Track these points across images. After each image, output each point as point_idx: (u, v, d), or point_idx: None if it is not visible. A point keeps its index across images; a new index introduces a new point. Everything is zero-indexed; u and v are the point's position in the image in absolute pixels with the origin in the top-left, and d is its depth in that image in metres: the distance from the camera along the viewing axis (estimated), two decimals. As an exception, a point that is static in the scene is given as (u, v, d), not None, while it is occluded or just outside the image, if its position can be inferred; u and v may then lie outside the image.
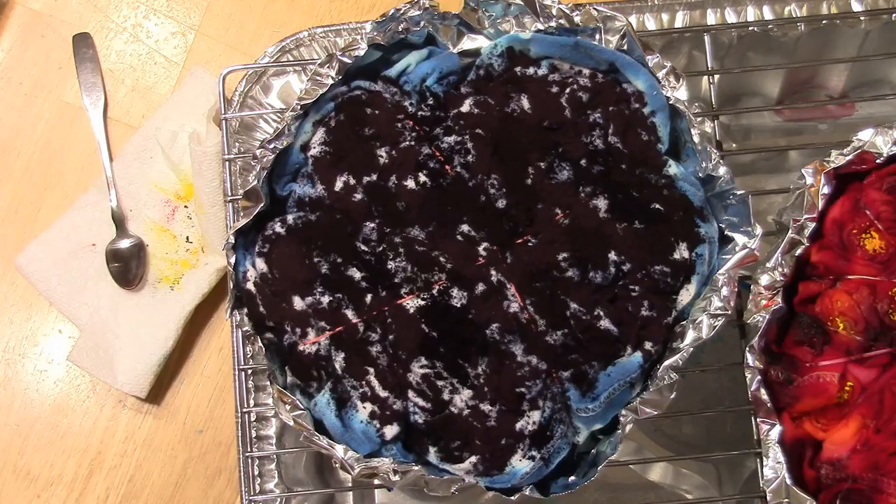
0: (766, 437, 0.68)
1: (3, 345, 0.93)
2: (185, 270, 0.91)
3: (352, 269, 0.71)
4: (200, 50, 0.99)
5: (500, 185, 0.72)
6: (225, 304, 0.71)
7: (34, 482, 0.90)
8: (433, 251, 0.71)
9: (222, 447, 0.91)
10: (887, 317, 0.69)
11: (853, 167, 0.72)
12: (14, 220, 0.95)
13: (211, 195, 0.88)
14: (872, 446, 0.68)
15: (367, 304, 0.70)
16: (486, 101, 0.74)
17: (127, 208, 0.93)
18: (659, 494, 0.89)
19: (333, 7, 0.99)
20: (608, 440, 0.68)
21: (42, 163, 0.96)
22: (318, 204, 0.73)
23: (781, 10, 0.88)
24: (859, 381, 0.69)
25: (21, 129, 0.97)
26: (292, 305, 0.70)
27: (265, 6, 1.00)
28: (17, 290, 0.94)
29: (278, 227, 0.72)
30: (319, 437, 0.66)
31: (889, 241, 0.70)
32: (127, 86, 0.98)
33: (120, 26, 0.99)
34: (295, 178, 0.74)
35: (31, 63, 0.98)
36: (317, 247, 0.71)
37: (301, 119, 0.73)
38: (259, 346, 0.69)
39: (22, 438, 0.91)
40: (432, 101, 0.75)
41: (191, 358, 0.93)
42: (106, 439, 0.91)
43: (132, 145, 0.94)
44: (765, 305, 0.69)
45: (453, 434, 0.68)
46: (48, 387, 0.93)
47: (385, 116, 0.74)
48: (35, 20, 0.99)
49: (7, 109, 0.97)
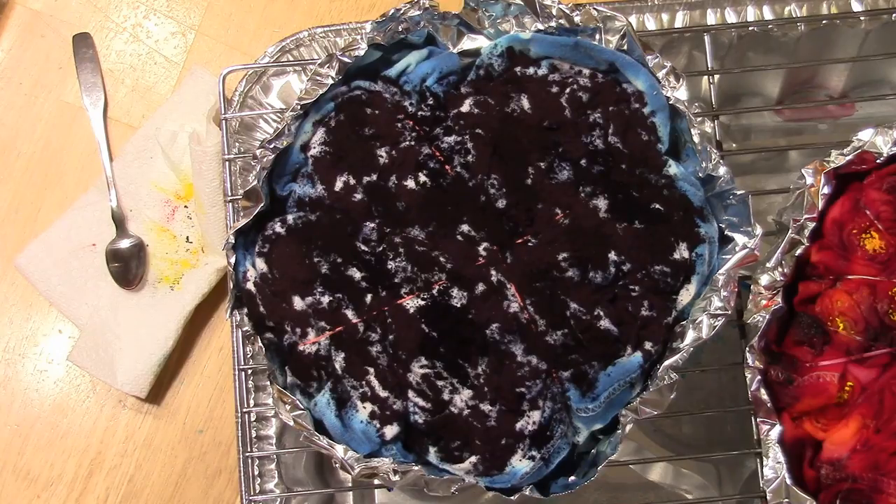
0: (766, 437, 0.68)
1: (3, 345, 0.93)
2: (185, 270, 0.91)
3: (352, 269, 0.71)
4: (200, 50, 0.99)
5: (500, 185, 0.72)
6: (225, 304, 0.71)
7: (34, 482, 0.90)
8: (433, 251, 0.71)
9: (222, 447, 0.91)
10: (887, 317, 0.69)
11: (853, 167, 0.72)
12: (14, 220, 0.95)
13: (211, 195, 0.88)
14: (872, 446, 0.68)
15: (367, 304, 0.70)
16: (486, 101, 0.74)
17: (127, 208, 0.93)
18: (659, 494, 0.89)
19: (333, 7, 0.99)
20: (608, 440, 0.68)
21: (42, 163, 0.96)
22: (318, 204, 0.73)
23: (781, 10, 0.88)
24: (859, 381, 0.69)
25: (21, 129, 0.97)
26: (292, 305, 0.70)
27: (265, 6, 1.00)
28: (17, 290, 0.94)
29: (278, 227, 0.72)
30: (319, 437, 0.66)
31: (889, 241, 0.70)
32: (127, 86, 0.98)
33: (120, 26, 0.99)
34: (295, 178, 0.74)
35: (31, 63, 0.98)
36: (317, 247, 0.71)
37: (301, 119, 0.73)
38: (259, 346, 0.69)
39: (22, 438, 0.91)
40: (432, 101, 0.75)
41: (191, 358, 0.93)
42: (106, 439, 0.91)
43: (132, 145, 0.94)
44: (765, 305, 0.69)
45: (453, 434, 0.68)
46: (48, 387, 0.93)
47: (385, 116, 0.74)
48: (35, 20, 0.99)
49: (7, 109, 0.97)
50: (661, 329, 0.68)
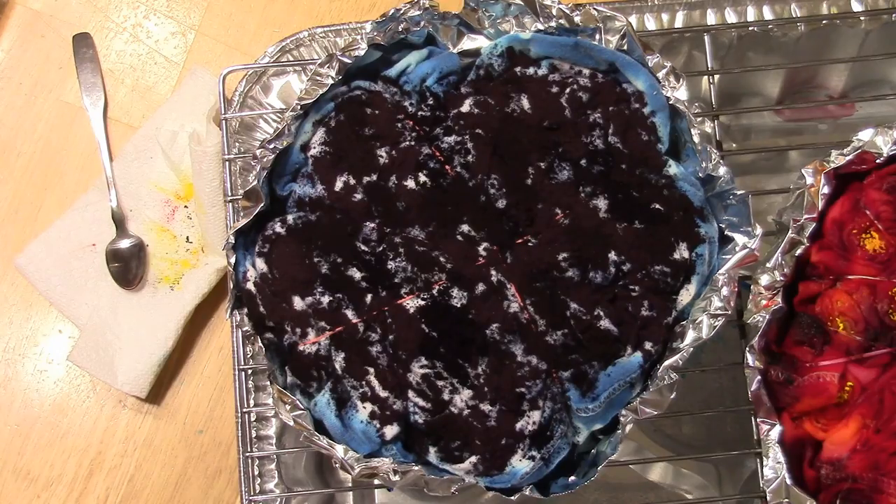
0: (766, 437, 0.68)
1: (3, 345, 0.93)
2: (185, 270, 0.91)
3: (352, 269, 0.71)
4: (200, 50, 0.99)
5: (500, 185, 0.72)
6: (225, 304, 0.71)
7: (34, 482, 0.90)
8: (433, 251, 0.71)
9: (222, 447, 0.91)
10: (887, 317, 0.69)
11: (853, 167, 0.72)
12: (14, 220, 0.95)
13: (211, 195, 0.88)
14: (872, 446, 0.68)
15: (367, 304, 0.70)
16: (486, 101, 0.74)
17: (127, 208, 0.93)
18: (659, 494, 0.89)
19: (333, 7, 0.99)
20: (608, 440, 0.68)
21: (42, 163, 0.96)
22: (318, 204, 0.73)
23: (781, 10, 0.88)
24: (859, 381, 0.69)
25: (21, 129, 0.97)
26: (292, 305, 0.70)
27: (265, 6, 1.00)
28: (17, 290, 0.94)
29: (278, 227, 0.72)
30: (319, 437, 0.66)
31: (889, 241, 0.70)
32: (127, 86, 0.98)
33: (120, 26, 0.99)
34: (295, 178, 0.74)
35: (31, 63, 0.98)
36: (317, 247, 0.71)
37: (301, 119, 0.73)
38: (259, 346, 0.69)
39: (22, 438, 0.91)
40: (432, 101, 0.75)
41: (191, 358, 0.93)
42: (106, 439, 0.91)
43: (132, 145, 0.94)
44: (765, 305, 0.69)
45: (453, 434, 0.68)
46: (48, 387, 0.93)
47: (385, 116, 0.74)
48: (35, 20, 0.99)
49: (7, 109, 0.97)
50: (661, 329, 0.68)
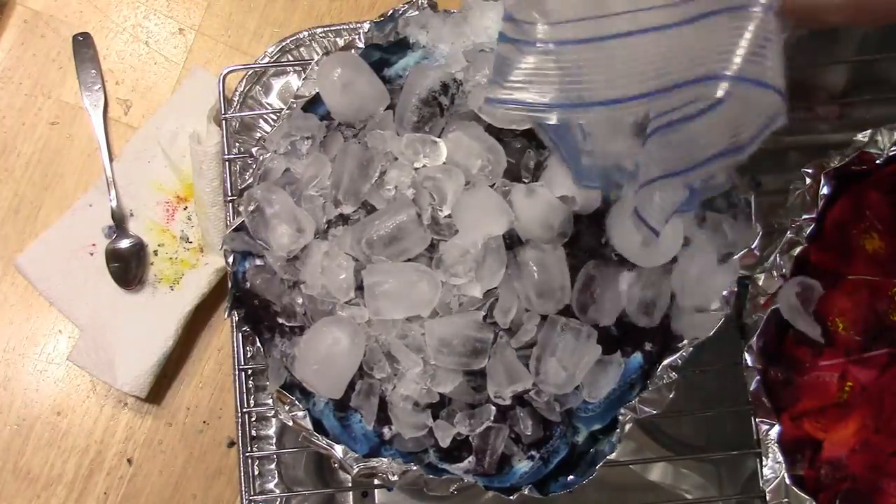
0: (766, 437, 0.68)
1: (3, 345, 0.93)
2: (185, 270, 0.91)
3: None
4: (200, 50, 0.99)
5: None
6: (225, 304, 0.71)
7: (34, 482, 0.90)
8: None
9: (222, 447, 0.91)
10: (887, 317, 0.69)
11: (853, 167, 0.72)
12: (14, 220, 0.95)
13: (211, 195, 0.88)
14: (872, 446, 0.68)
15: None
16: (485, 101, 0.74)
17: (127, 208, 0.93)
18: (659, 494, 0.89)
19: (333, 7, 0.99)
20: (607, 440, 0.68)
21: (42, 163, 0.96)
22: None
23: (781, 9, 0.88)
24: (859, 381, 0.69)
25: (21, 129, 0.97)
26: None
27: (265, 6, 1.00)
28: (17, 290, 0.94)
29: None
30: (318, 437, 0.66)
31: (889, 242, 0.70)
32: (127, 86, 0.98)
33: (120, 26, 0.99)
34: (295, 178, 0.74)
35: (31, 63, 0.98)
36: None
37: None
38: (259, 346, 0.69)
39: (22, 438, 0.91)
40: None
41: (191, 358, 0.93)
42: (106, 439, 0.91)
43: (132, 145, 0.94)
44: (764, 305, 0.69)
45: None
46: (48, 387, 0.93)
47: (385, 116, 0.74)
48: (35, 20, 0.99)
49: (7, 109, 0.97)
50: (661, 329, 0.68)
